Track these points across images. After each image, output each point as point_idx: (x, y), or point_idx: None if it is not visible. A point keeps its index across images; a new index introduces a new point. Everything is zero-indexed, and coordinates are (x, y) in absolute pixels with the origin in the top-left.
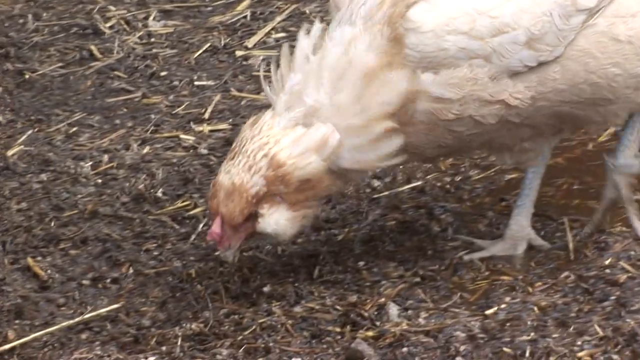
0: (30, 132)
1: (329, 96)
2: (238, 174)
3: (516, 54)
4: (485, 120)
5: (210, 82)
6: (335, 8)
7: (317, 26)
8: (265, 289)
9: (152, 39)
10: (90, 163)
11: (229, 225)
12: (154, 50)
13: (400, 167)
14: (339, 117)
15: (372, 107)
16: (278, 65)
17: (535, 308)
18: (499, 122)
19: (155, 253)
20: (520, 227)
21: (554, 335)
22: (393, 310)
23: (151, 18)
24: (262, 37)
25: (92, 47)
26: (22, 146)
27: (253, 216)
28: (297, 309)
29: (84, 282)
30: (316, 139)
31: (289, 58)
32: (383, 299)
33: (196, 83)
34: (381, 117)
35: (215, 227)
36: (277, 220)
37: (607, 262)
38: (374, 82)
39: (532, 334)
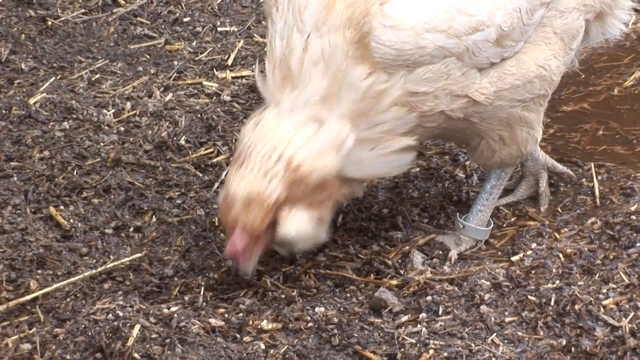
0: (52, 79)
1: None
2: (253, 182)
3: (486, 51)
4: (455, 114)
5: (234, 28)
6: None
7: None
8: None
9: None
10: (113, 111)
11: (250, 236)
12: None
13: None
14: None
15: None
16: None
17: (561, 255)
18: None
19: (179, 201)
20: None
21: (579, 283)
22: (417, 258)
23: None
24: None
25: None
26: (44, 94)
27: (272, 223)
28: (321, 257)
29: (107, 231)
30: (332, 137)
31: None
32: (407, 247)
33: (219, 29)
34: None
35: (236, 241)
36: (297, 224)
37: (633, 209)
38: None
39: (558, 281)
